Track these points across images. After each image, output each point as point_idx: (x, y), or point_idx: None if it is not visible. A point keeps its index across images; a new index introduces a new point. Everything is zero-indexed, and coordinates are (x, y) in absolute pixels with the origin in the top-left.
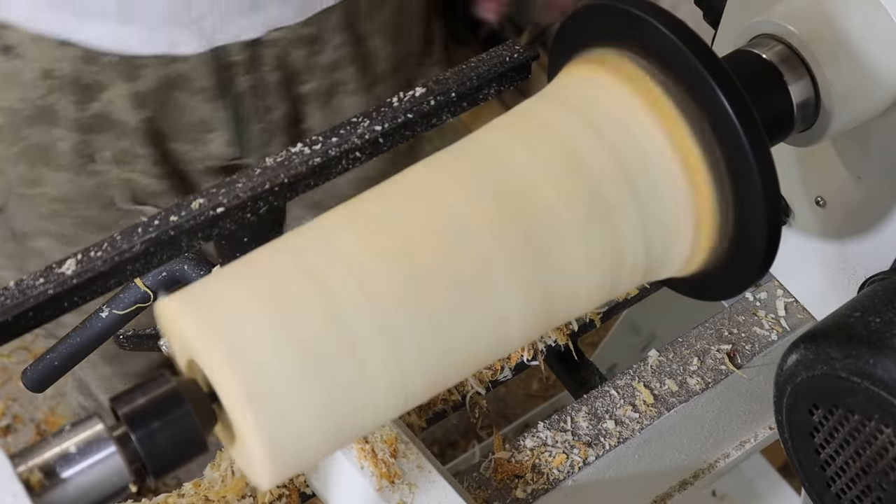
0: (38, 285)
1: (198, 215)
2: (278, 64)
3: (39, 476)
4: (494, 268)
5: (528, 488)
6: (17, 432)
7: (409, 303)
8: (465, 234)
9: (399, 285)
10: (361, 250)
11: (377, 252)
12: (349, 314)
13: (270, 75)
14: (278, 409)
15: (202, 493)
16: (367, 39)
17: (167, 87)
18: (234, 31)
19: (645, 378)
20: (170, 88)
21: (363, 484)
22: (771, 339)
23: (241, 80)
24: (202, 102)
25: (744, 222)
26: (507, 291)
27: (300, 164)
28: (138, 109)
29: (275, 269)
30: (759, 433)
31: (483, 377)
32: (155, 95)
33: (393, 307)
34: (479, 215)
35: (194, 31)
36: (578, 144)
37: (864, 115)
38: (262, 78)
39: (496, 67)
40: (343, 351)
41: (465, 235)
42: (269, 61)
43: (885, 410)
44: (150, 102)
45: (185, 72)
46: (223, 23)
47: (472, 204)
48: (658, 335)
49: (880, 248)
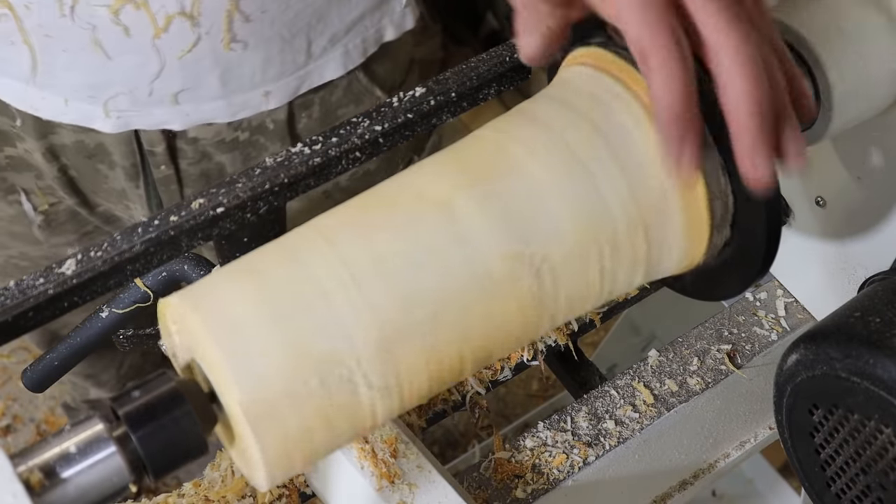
0: (38, 285)
1: (198, 215)
2: (200, 160)
3: (39, 476)
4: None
5: (528, 488)
6: (17, 432)
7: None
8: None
9: (398, 295)
10: (364, 254)
11: (380, 257)
12: (347, 316)
13: (192, 168)
14: (277, 411)
15: (202, 493)
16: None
17: (85, 153)
18: (152, 120)
19: (645, 378)
20: (88, 155)
21: (363, 484)
22: (771, 339)
23: (159, 168)
24: (121, 177)
25: (743, 222)
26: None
27: (300, 164)
28: (53, 164)
29: (276, 270)
30: (759, 433)
31: (483, 377)
32: (73, 157)
33: (393, 312)
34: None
35: (110, 111)
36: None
37: (864, 115)
38: (185, 170)
39: (496, 67)
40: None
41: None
42: (191, 156)
43: (885, 410)
44: (68, 161)
45: (104, 143)
46: (139, 109)
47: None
48: (658, 335)
49: (880, 248)
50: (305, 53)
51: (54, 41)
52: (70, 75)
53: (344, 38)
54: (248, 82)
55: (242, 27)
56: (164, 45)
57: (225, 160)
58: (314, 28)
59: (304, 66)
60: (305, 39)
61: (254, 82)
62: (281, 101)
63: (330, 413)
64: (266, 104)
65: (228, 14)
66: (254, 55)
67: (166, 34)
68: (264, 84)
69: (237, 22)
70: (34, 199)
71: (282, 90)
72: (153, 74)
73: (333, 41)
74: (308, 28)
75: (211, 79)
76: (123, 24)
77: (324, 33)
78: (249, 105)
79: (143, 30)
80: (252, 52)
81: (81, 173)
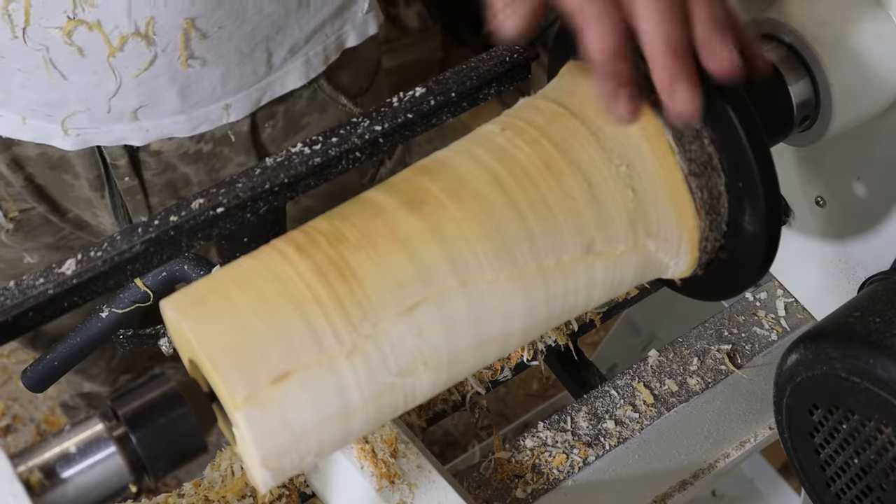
0: (38, 285)
1: (198, 215)
2: (165, 171)
3: (39, 476)
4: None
5: (528, 488)
6: (17, 432)
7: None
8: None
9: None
10: (390, 301)
11: (382, 261)
12: (341, 319)
13: (156, 178)
14: (286, 447)
15: (202, 493)
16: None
17: (49, 164)
18: (111, 136)
19: (645, 378)
20: (52, 167)
21: (363, 484)
22: (771, 339)
23: (123, 180)
24: (86, 187)
25: (743, 221)
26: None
27: (300, 164)
28: (18, 174)
29: (275, 268)
30: (759, 433)
31: (483, 377)
32: (37, 167)
33: (392, 313)
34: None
35: (68, 129)
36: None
37: (864, 115)
38: (149, 180)
39: (496, 67)
40: (340, 354)
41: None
42: (155, 167)
43: (885, 410)
44: (33, 170)
45: (66, 156)
46: (98, 127)
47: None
48: (658, 335)
49: (880, 248)
50: (266, 65)
51: (7, 61)
52: (26, 93)
53: (304, 47)
54: (209, 96)
55: (199, 44)
56: (119, 65)
57: (189, 171)
58: (273, 39)
59: (264, 78)
60: (265, 51)
61: (214, 96)
62: (242, 113)
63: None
64: (227, 117)
65: (184, 32)
66: (213, 70)
67: (121, 53)
68: (224, 97)
69: (194, 40)
70: (4, 205)
71: (242, 102)
72: (110, 92)
73: (294, 51)
74: (267, 40)
75: (169, 95)
76: (77, 45)
77: (283, 44)
78: (210, 119)
79: (97, 50)
80: (210, 67)
81: (47, 182)
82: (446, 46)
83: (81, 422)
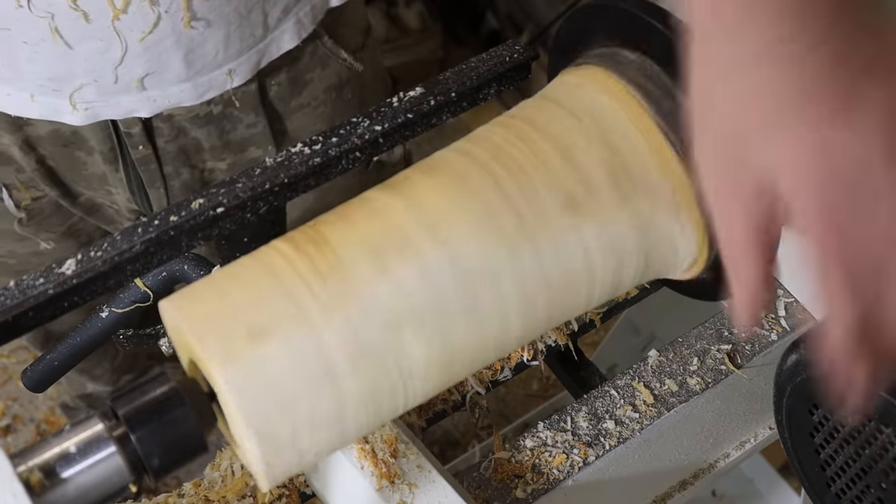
0: (38, 285)
1: (198, 215)
2: (177, 137)
3: (39, 476)
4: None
5: (528, 488)
6: (17, 432)
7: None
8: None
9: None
10: (366, 262)
11: (357, 228)
12: (317, 280)
13: (169, 146)
14: (273, 411)
15: (202, 493)
16: (287, 119)
17: (61, 142)
18: (119, 108)
19: (645, 378)
20: (65, 144)
21: (363, 484)
22: (771, 339)
23: (137, 149)
24: (100, 161)
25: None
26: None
27: (300, 164)
28: (30, 156)
29: (274, 267)
30: (759, 433)
31: (483, 377)
32: (49, 147)
33: (370, 272)
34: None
35: (77, 104)
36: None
37: None
38: (162, 148)
39: (496, 67)
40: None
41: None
42: (167, 134)
43: (885, 410)
44: (45, 151)
45: (79, 131)
46: (106, 99)
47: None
48: (658, 335)
49: None
50: (262, 26)
51: (13, 33)
52: (33, 67)
53: (295, 7)
54: (212, 61)
55: (201, 5)
56: (124, 28)
57: (200, 135)
58: (268, 0)
59: (262, 40)
60: (261, 12)
61: (217, 61)
62: (244, 77)
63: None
64: (231, 82)
65: None
66: (215, 33)
67: (125, 16)
68: (227, 62)
69: (195, 0)
70: (16, 194)
71: (244, 66)
72: (116, 60)
73: (286, 11)
74: (262, 1)
75: (175, 60)
76: (82, 10)
77: (277, 4)
78: (214, 85)
79: (102, 13)
80: (213, 29)
81: (59, 162)
82: (446, 46)
83: (81, 422)
